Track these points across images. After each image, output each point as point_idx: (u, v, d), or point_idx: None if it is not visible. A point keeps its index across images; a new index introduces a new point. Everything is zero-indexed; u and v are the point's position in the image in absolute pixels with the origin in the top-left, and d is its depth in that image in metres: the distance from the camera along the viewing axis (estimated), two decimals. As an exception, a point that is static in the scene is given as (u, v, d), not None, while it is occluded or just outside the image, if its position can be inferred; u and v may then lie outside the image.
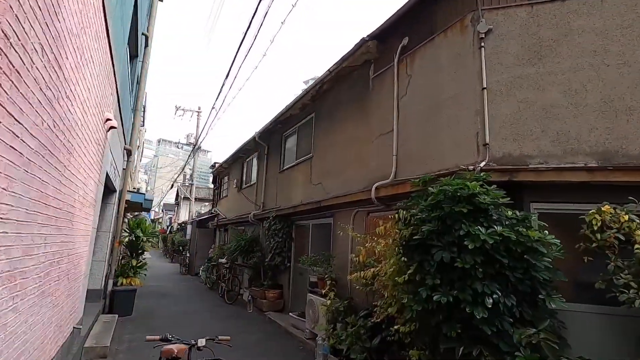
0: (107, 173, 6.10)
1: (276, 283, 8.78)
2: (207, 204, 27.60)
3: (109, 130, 4.96)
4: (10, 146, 1.86)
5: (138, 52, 8.89)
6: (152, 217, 51.07)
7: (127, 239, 8.70)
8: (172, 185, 27.79)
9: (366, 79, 6.38)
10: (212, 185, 21.21)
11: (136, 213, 12.29)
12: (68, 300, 4.06)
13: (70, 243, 3.81)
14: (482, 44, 4.23)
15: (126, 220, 8.96)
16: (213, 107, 14.61)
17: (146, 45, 9.44)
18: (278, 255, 8.45)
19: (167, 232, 34.83)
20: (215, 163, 17.53)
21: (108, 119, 4.61)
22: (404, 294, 3.49)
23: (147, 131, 28.79)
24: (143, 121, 25.09)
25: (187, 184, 29.24)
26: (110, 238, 8.22)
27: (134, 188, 12.85)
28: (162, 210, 48.90)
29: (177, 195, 37.29)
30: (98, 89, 4.04)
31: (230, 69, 10.47)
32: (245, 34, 6.99)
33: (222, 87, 11.03)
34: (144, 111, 22.68)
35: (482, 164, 3.81)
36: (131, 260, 8.70)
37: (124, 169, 8.81)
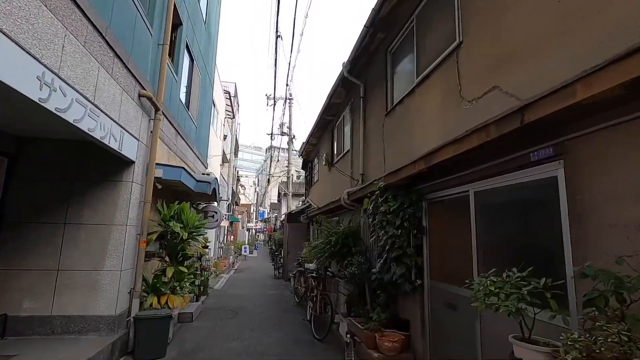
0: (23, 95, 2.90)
1: (394, 315, 4.58)
2: (304, 197, 25.15)
3: None
4: None
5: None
6: (265, 217, 52.32)
7: (155, 235, 5.69)
8: (269, 180, 26.15)
9: None
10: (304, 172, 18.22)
11: (203, 204, 9.65)
12: None
13: None
14: None
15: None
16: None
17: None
18: (396, 262, 4.26)
19: (273, 230, 34.07)
20: (302, 144, 14.27)
21: None
22: None
23: (240, 125, 27.79)
24: (233, 114, 23.88)
25: (284, 178, 27.36)
26: (129, 234, 5.31)
27: (205, 173, 10.26)
28: (270, 210, 49.59)
29: (279, 193, 36.46)
30: None
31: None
32: None
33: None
34: (230, 99, 21.17)
35: None
36: (167, 269, 5.66)
37: (151, 131, 5.88)
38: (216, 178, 8.31)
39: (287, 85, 12.41)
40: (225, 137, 17.99)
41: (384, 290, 4.70)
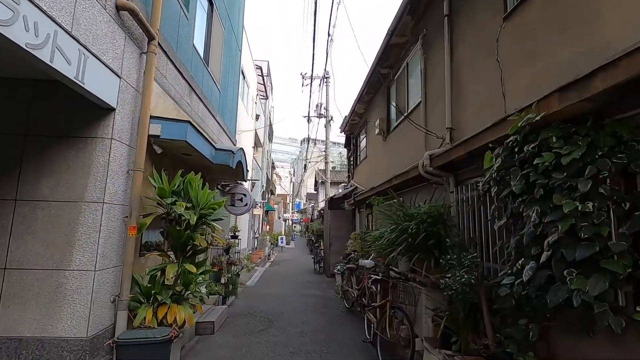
0: None
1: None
2: (344, 184, 23.20)
3: None
4: None
5: None
6: (302, 208, 50.81)
7: (150, 219, 3.90)
8: (305, 167, 24.39)
9: None
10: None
11: (230, 184, 7.91)
12: None
13: None
14: None
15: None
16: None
17: None
18: (582, 268, 2.10)
19: (310, 221, 32.56)
20: (345, 117, 12.15)
21: None
22: None
23: (274, 109, 26.17)
24: (266, 94, 22.20)
25: (321, 166, 25.53)
26: (108, 216, 3.57)
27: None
28: (307, 200, 48.04)
29: (316, 181, 34.78)
30: None
31: None
32: None
33: None
34: (262, 77, 19.43)
35: None
36: (167, 267, 3.88)
37: (143, 71, 4.09)
38: (242, 148, 6.47)
39: (328, 35, 10.23)
40: (257, 116, 16.30)
41: (530, 318, 2.55)
